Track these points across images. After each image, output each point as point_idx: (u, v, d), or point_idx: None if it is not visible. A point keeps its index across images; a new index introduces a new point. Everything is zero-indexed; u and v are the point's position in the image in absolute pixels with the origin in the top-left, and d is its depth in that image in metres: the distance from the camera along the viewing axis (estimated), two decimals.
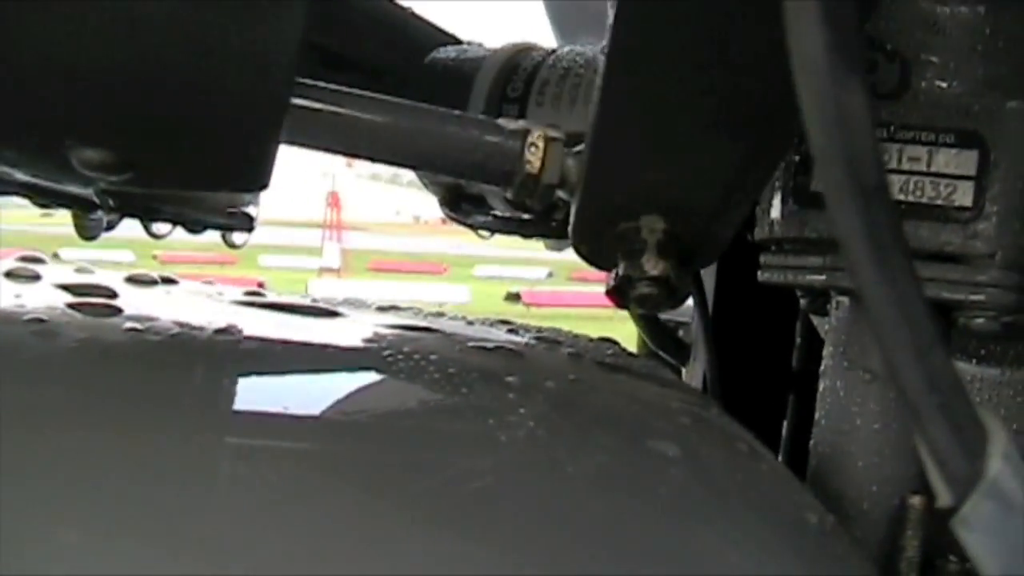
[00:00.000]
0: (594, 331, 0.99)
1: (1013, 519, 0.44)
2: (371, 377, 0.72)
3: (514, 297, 23.49)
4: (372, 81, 1.08)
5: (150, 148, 0.64)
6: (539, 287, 26.22)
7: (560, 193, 0.75)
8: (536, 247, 1.21)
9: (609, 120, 0.70)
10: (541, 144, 0.73)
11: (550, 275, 29.65)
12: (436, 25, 1.19)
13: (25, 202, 0.93)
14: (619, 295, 0.76)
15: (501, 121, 0.75)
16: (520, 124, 0.74)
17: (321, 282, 24.68)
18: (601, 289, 0.80)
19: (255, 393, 0.67)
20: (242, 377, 0.69)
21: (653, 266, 0.73)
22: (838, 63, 0.39)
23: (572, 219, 0.76)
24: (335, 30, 1.09)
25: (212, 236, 1.02)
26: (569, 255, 1.15)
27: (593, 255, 0.78)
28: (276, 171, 0.68)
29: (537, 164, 0.72)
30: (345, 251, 33.19)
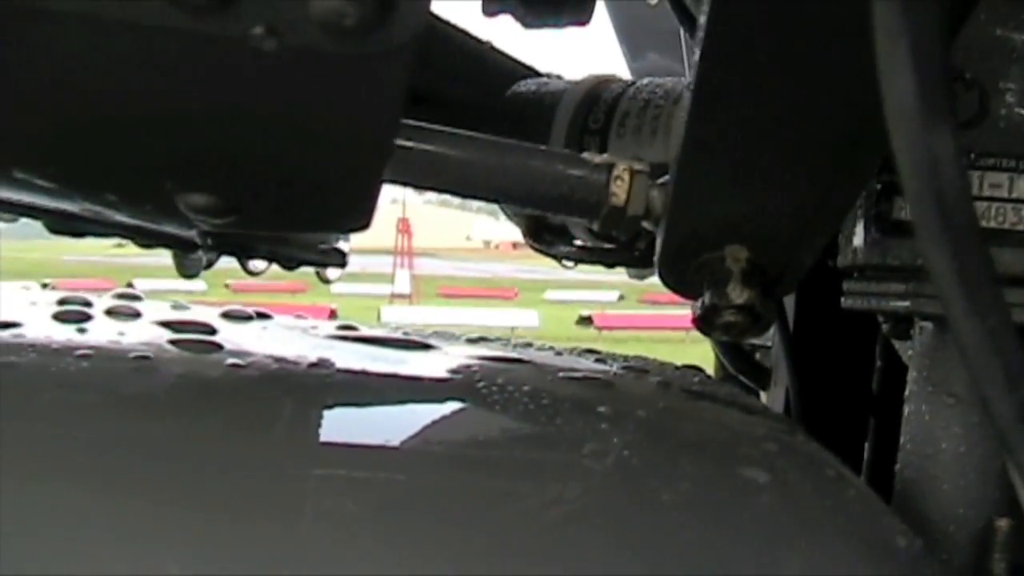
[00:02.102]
0: (666, 353, 1.00)
1: None
2: (467, 409, 0.73)
3: (586, 321, 23.37)
4: (454, 115, 1.10)
5: (255, 193, 0.66)
6: (610, 310, 26.13)
7: (645, 224, 0.76)
8: (605, 270, 1.22)
9: (693, 152, 0.71)
10: (626, 177, 0.73)
11: (621, 298, 29.58)
12: (515, 58, 1.20)
13: None
14: (705, 324, 0.77)
15: (586, 155, 0.76)
16: (604, 158, 0.75)
17: (392, 309, 24.70)
18: (671, 311, 0.81)
19: (356, 427, 0.69)
20: (342, 411, 0.70)
21: (738, 295, 0.74)
22: (929, 108, 0.40)
23: (658, 249, 0.77)
24: (417, 66, 1.11)
25: None
26: None
27: (679, 284, 0.78)
28: None
29: (623, 196, 0.73)
30: (416, 277, 33.24)
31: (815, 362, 1.35)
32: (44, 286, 1.36)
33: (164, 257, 1.03)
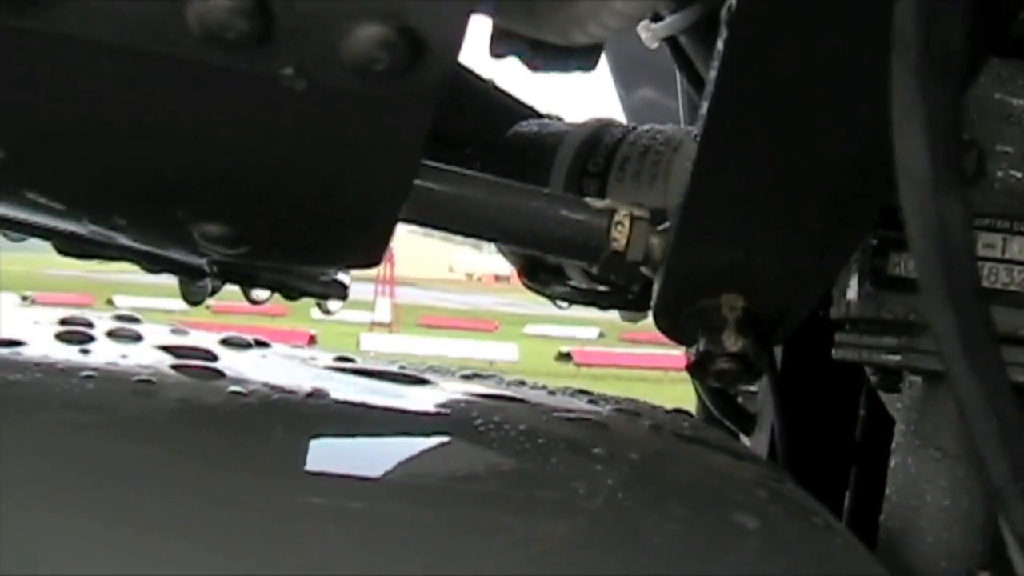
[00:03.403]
0: (645, 392, 1.01)
1: None
2: (462, 445, 0.74)
3: (565, 357, 23.28)
4: (455, 154, 1.10)
5: (271, 226, 0.67)
6: (590, 347, 26.05)
7: (643, 270, 0.77)
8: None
9: (697, 201, 0.72)
10: (627, 223, 0.75)
11: (601, 335, 29.51)
12: (517, 98, 1.21)
13: None
14: (700, 370, 0.78)
15: (588, 200, 0.77)
16: (606, 203, 0.76)
17: (372, 336, 24.62)
18: (651, 350, 0.82)
19: (354, 459, 0.70)
20: (340, 442, 0.71)
21: (733, 343, 0.76)
22: (941, 175, 0.41)
23: (655, 295, 0.78)
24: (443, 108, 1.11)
25: None
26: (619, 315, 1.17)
27: (674, 330, 0.80)
28: None
29: (623, 242, 0.74)
30: (397, 306, 33.13)
31: (799, 409, 1.36)
32: (24, 299, 1.37)
33: (143, 275, 1.04)
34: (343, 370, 0.86)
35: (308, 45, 0.53)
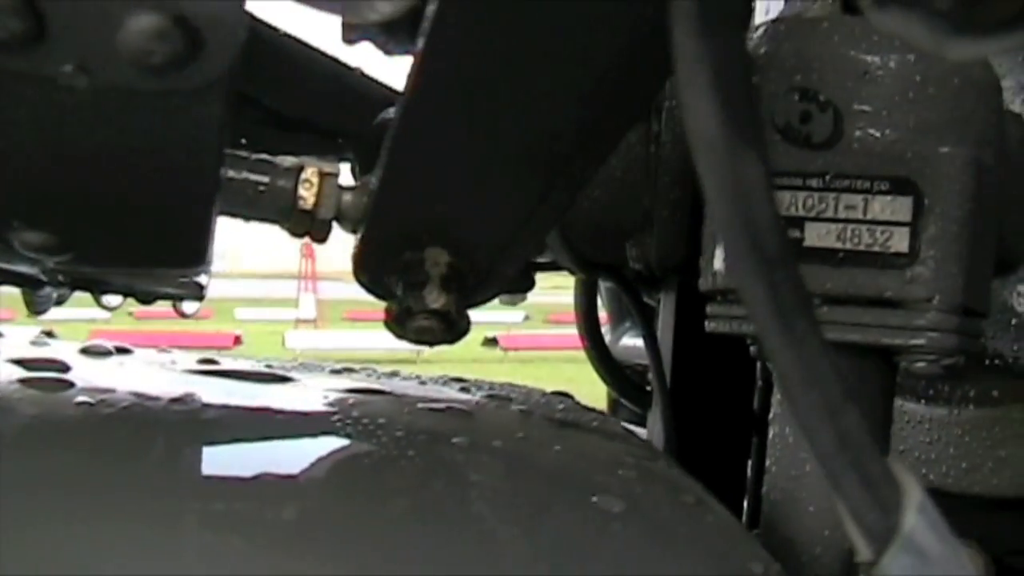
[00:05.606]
0: (572, 373, 1.00)
1: (929, 570, 0.45)
2: (320, 443, 0.72)
3: (491, 342, 23.28)
4: (326, 142, 1.09)
5: (87, 230, 0.65)
6: (516, 331, 26.06)
7: (341, 227, 0.75)
8: None
9: (403, 151, 0.71)
10: (315, 180, 0.73)
11: (527, 318, 29.54)
12: (388, 85, 1.20)
13: None
14: (398, 326, 0.76)
15: (275, 159, 0.75)
16: (293, 161, 0.74)
17: (297, 334, 24.55)
18: (576, 331, 0.79)
19: (206, 463, 0.68)
20: (192, 447, 0.69)
21: (435, 299, 0.74)
22: (734, 138, 0.39)
23: (355, 246, 0.76)
24: (287, 93, 1.10)
25: None
26: (545, 298, 1.15)
27: (373, 284, 0.78)
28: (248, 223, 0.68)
29: (311, 200, 0.73)
30: (321, 302, 33.05)
31: (697, 383, 1.35)
32: None
33: None
34: (203, 373, 0.84)
35: (84, 40, 0.51)
